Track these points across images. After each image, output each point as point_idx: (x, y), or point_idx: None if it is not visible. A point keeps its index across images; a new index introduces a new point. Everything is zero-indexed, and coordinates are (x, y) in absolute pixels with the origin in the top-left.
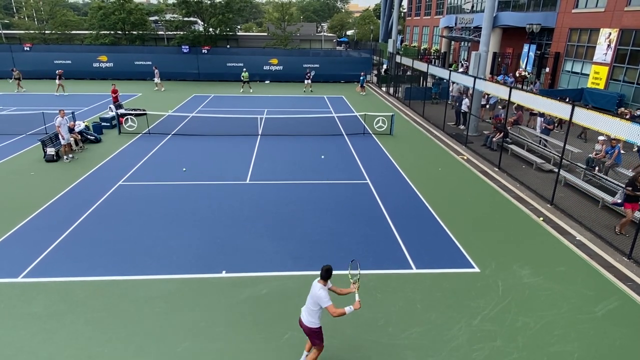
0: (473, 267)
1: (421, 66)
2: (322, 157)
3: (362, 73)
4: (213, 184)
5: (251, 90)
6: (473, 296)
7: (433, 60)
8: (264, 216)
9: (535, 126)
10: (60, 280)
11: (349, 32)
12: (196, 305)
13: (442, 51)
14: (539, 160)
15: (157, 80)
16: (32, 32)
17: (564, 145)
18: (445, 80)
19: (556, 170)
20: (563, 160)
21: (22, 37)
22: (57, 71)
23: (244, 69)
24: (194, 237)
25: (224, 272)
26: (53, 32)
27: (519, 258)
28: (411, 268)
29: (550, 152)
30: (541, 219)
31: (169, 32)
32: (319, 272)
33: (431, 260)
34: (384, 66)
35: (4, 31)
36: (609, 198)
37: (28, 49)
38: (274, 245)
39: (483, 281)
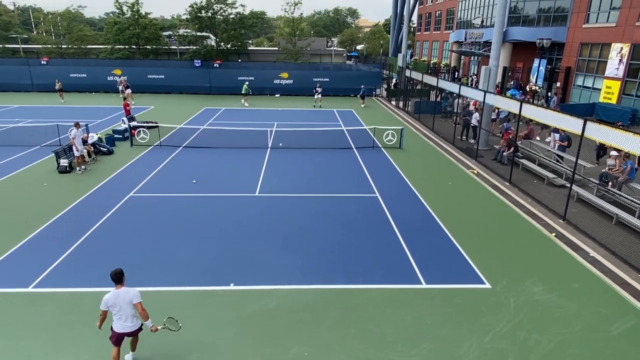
0: (484, 283)
1: (431, 80)
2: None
3: (362, 86)
4: (222, 196)
5: (246, 105)
6: (484, 312)
7: (444, 74)
8: (272, 229)
9: (549, 138)
10: (70, 291)
11: (359, 47)
12: (203, 318)
13: (452, 65)
14: (550, 175)
15: (126, 92)
16: (49, 46)
17: (576, 160)
18: (455, 94)
19: (568, 185)
20: (575, 175)
21: (39, 52)
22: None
23: (246, 82)
24: (203, 249)
25: (232, 284)
26: (70, 46)
27: (531, 274)
28: (420, 283)
29: (562, 167)
30: (553, 234)
31: (182, 47)
32: (327, 286)
33: (441, 275)
34: (394, 80)
35: (22, 46)
36: (623, 214)
37: (45, 62)
38: (283, 258)
39: (494, 297)
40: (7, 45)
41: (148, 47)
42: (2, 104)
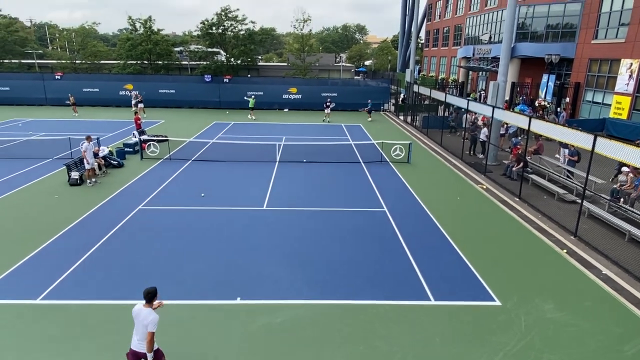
0: (494, 300)
1: (439, 95)
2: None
3: (368, 100)
4: (230, 210)
5: (253, 118)
6: (494, 331)
7: (452, 90)
8: (280, 243)
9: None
10: (78, 303)
11: (367, 62)
12: (208, 333)
13: (460, 81)
14: (561, 191)
15: (140, 106)
16: (63, 61)
17: (587, 176)
18: (463, 110)
19: (579, 201)
20: (586, 191)
21: (54, 67)
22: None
23: (252, 96)
24: (210, 263)
25: (238, 298)
26: (83, 61)
27: (542, 291)
28: (429, 299)
29: (572, 182)
30: (564, 251)
31: (193, 62)
32: (334, 301)
33: (450, 292)
34: (402, 95)
35: (37, 61)
36: (636, 231)
37: (59, 77)
38: (290, 273)
39: (505, 315)
40: (23, 61)
41: (159, 62)
42: (17, 117)
